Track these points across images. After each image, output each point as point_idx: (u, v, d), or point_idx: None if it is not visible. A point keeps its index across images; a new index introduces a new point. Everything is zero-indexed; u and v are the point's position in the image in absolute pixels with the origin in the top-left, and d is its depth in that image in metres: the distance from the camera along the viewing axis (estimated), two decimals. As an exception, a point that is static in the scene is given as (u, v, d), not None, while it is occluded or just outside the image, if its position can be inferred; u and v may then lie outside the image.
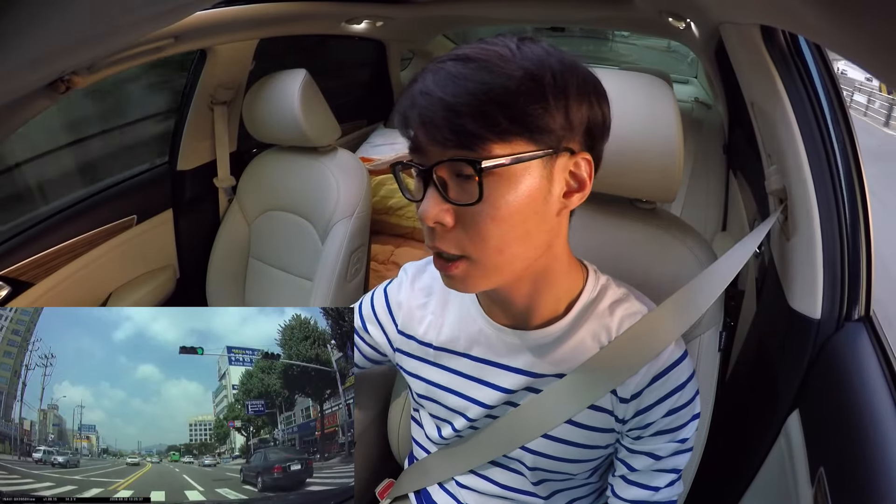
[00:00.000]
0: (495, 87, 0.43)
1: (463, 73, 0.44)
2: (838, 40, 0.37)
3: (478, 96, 0.43)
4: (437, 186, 0.46)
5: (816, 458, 0.57)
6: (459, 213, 0.47)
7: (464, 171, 0.45)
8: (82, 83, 0.93)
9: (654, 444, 0.57)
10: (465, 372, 0.61)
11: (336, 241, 1.26)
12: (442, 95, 0.44)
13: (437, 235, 0.48)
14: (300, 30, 1.53)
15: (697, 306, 0.60)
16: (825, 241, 0.64)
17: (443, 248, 0.48)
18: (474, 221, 0.46)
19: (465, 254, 0.48)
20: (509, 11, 1.84)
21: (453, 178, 0.47)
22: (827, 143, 0.64)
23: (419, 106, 0.45)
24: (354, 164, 1.33)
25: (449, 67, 0.45)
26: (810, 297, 0.66)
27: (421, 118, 0.45)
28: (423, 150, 0.47)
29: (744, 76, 0.78)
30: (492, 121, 0.43)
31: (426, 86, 0.45)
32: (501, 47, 0.46)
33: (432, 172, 0.46)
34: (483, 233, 0.47)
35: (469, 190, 0.45)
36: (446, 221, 0.47)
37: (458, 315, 0.61)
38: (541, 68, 0.45)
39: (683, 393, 0.55)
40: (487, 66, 0.44)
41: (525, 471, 0.61)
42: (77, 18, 0.45)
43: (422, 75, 0.47)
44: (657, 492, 0.58)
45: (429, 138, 0.46)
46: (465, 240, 0.47)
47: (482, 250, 0.47)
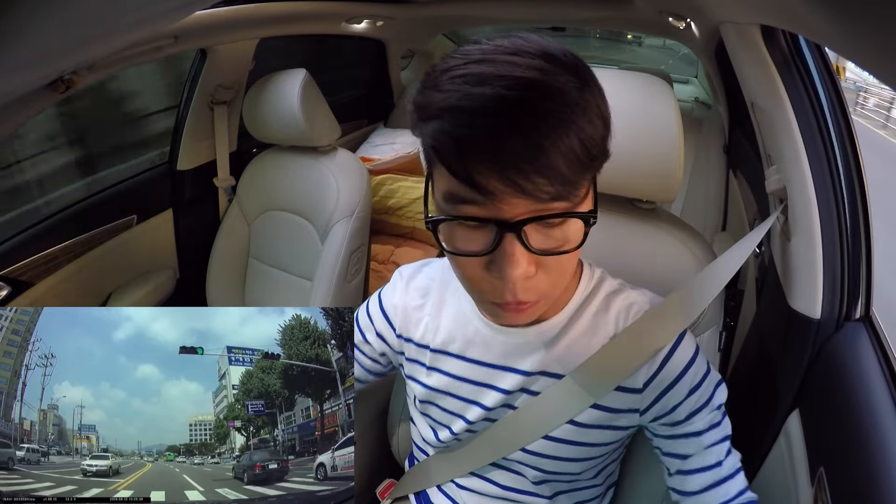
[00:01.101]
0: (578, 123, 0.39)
1: (547, 108, 0.37)
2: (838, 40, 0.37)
3: (570, 136, 0.38)
4: (524, 241, 0.41)
5: (816, 458, 0.57)
6: (541, 259, 0.43)
7: (558, 222, 0.42)
8: (82, 83, 0.93)
9: (692, 425, 0.55)
10: (462, 375, 0.60)
11: (336, 241, 1.26)
12: (533, 140, 0.37)
13: (518, 289, 0.43)
14: (300, 30, 1.53)
15: (697, 305, 0.60)
16: (825, 241, 0.64)
17: (526, 299, 0.45)
18: (558, 265, 0.44)
19: (544, 297, 0.46)
20: (509, 11, 1.84)
21: (535, 227, 0.41)
22: (827, 143, 0.64)
23: (508, 148, 0.37)
24: (354, 164, 1.33)
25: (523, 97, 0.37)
26: (810, 297, 0.66)
27: (504, 168, 0.37)
28: (501, 201, 0.39)
29: (744, 76, 0.78)
30: (582, 161, 0.39)
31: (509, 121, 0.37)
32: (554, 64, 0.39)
33: (518, 227, 0.40)
34: (563, 273, 0.46)
35: (555, 237, 0.42)
36: (533, 273, 0.43)
37: (453, 316, 0.61)
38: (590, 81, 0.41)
39: (697, 367, 0.55)
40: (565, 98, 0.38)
41: (526, 472, 0.61)
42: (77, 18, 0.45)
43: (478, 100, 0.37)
44: (721, 466, 0.55)
45: (516, 190, 0.38)
46: (545, 283, 0.45)
47: (556, 288, 0.47)
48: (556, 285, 0.46)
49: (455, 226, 0.43)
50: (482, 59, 0.39)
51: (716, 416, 0.56)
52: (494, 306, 0.47)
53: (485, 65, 0.39)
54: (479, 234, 0.42)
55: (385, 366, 0.69)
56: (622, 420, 0.57)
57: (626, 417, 0.57)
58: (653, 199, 0.74)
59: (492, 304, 0.47)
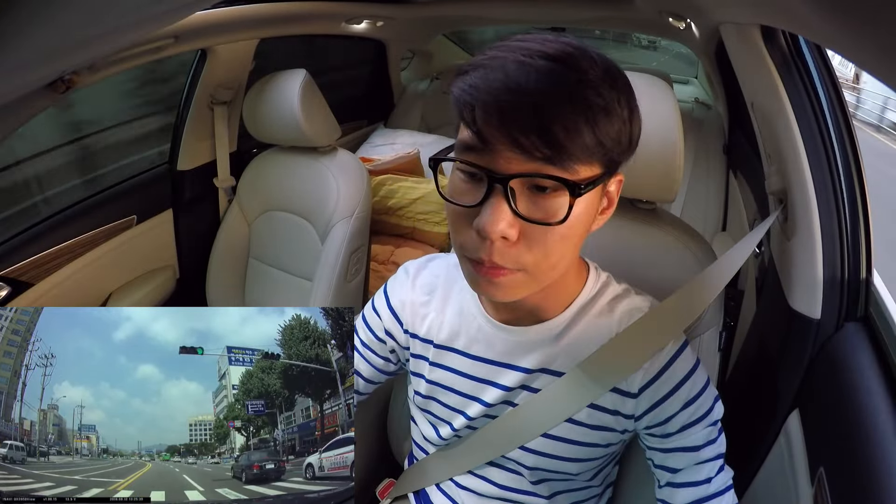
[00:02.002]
0: (593, 105, 0.40)
1: (560, 79, 0.40)
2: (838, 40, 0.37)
3: (578, 111, 0.40)
4: (508, 198, 0.42)
5: (816, 458, 0.57)
6: (525, 227, 0.44)
7: (543, 185, 0.42)
8: (82, 83, 0.93)
9: (685, 439, 0.55)
10: (464, 370, 0.60)
11: (336, 241, 1.26)
12: (538, 100, 0.39)
13: (494, 249, 0.44)
14: (300, 30, 1.53)
15: (696, 305, 0.60)
16: (825, 241, 0.64)
17: (500, 263, 0.45)
18: (543, 239, 0.44)
19: (522, 268, 0.46)
20: (509, 11, 1.84)
21: (526, 191, 0.43)
22: (827, 143, 0.65)
23: (505, 103, 0.40)
24: (354, 165, 1.33)
25: (540, 65, 0.40)
26: (810, 297, 0.66)
27: (505, 120, 0.40)
28: (499, 153, 0.42)
29: (744, 76, 0.78)
30: (582, 137, 0.41)
31: (514, 80, 0.40)
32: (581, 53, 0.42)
33: (507, 182, 0.42)
34: (548, 250, 0.45)
35: (543, 207, 0.43)
36: (512, 236, 0.43)
37: (457, 313, 0.61)
38: (620, 84, 0.43)
39: (694, 381, 0.55)
40: (581, 77, 0.41)
41: (524, 471, 0.61)
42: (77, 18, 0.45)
43: (501, 62, 0.41)
44: (710, 483, 0.55)
45: (511, 144, 0.41)
46: (525, 255, 0.45)
47: (541, 266, 0.46)
48: (538, 263, 0.46)
49: (456, 175, 0.46)
50: (524, 38, 0.44)
51: (711, 432, 0.56)
52: (472, 267, 0.47)
53: (522, 42, 0.43)
54: (473, 187, 0.44)
55: (396, 364, 0.69)
56: (618, 423, 0.57)
57: (621, 421, 0.57)
58: (653, 199, 0.74)
59: (470, 264, 0.47)
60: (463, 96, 0.42)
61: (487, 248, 0.44)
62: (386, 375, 0.70)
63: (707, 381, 0.57)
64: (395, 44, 2.16)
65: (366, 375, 0.69)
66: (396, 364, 0.69)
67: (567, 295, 0.56)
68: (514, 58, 0.41)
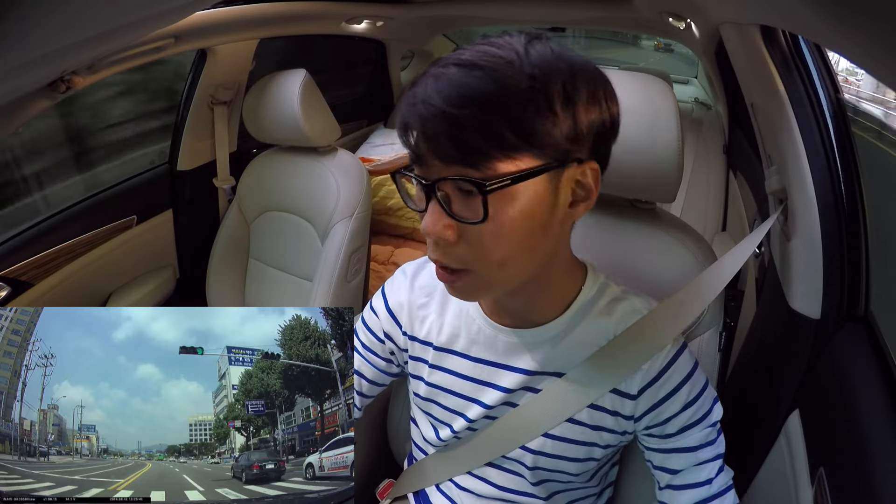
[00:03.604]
0: (501, 100, 0.42)
1: (467, 83, 0.42)
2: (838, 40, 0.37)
3: (484, 110, 0.41)
4: (440, 201, 0.45)
5: (816, 458, 0.57)
6: (462, 228, 0.45)
7: (467, 188, 0.44)
8: (82, 83, 0.93)
9: (685, 440, 0.56)
10: (464, 373, 0.60)
11: (336, 241, 1.26)
12: (445, 107, 0.41)
13: (439, 249, 0.47)
14: (300, 30, 1.53)
15: (696, 306, 0.60)
16: (825, 241, 0.64)
17: (445, 262, 0.48)
18: (478, 238, 0.45)
19: (468, 268, 0.47)
20: (509, 11, 1.84)
21: (457, 193, 0.45)
22: (827, 143, 0.65)
23: (421, 116, 0.43)
24: (354, 165, 1.33)
25: (452, 74, 0.42)
26: (810, 297, 0.66)
27: (423, 130, 0.43)
28: (425, 161, 0.45)
29: (744, 76, 0.78)
30: (498, 137, 0.42)
31: (428, 93, 0.43)
32: (508, 51, 0.43)
33: (435, 187, 0.45)
34: (487, 249, 0.46)
35: (472, 207, 0.44)
36: (449, 237, 0.45)
37: (457, 315, 0.61)
38: (549, 76, 0.43)
39: (693, 383, 0.55)
40: (494, 76, 0.42)
41: (524, 471, 0.61)
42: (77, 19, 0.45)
43: (423, 79, 0.44)
44: (710, 484, 0.56)
45: (431, 151, 0.44)
46: (467, 255, 0.46)
47: (485, 265, 0.47)
48: (479, 261, 0.47)
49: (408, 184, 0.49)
50: (457, 50, 0.46)
51: (710, 433, 0.56)
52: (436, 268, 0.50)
53: (452, 54, 0.45)
54: (421, 195, 0.47)
55: (398, 365, 0.69)
56: (617, 424, 0.57)
57: (620, 422, 0.57)
58: (653, 199, 0.74)
59: None
60: (398, 113, 0.47)
61: (434, 248, 0.48)
62: (390, 377, 0.70)
63: (706, 382, 0.57)
64: (395, 44, 2.16)
65: (369, 377, 0.69)
66: (399, 365, 0.69)
67: (564, 296, 0.56)
68: (433, 72, 0.44)
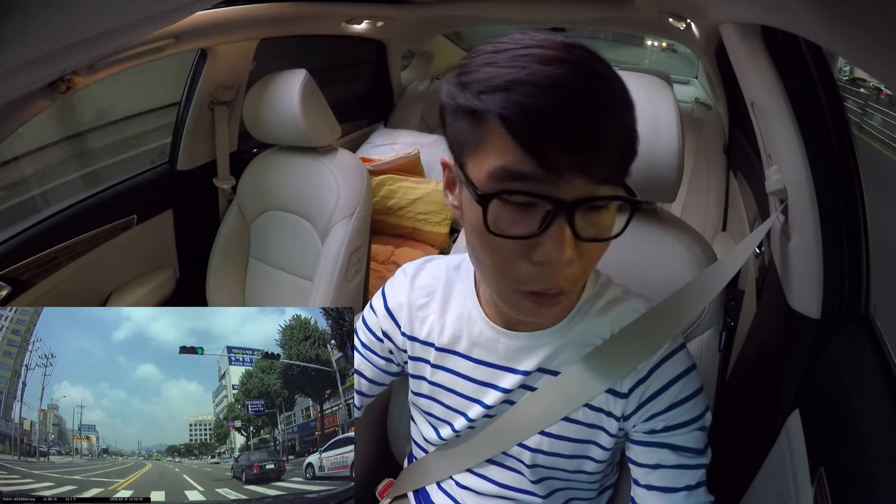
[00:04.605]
0: (626, 115, 0.41)
1: (603, 92, 0.40)
2: (838, 40, 0.37)
3: (619, 125, 0.40)
4: (572, 224, 0.41)
5: (816, 458, 0.57)
6: (581, 246, 0.42)
7: (602, 205, 0.41)
8: (82, 83, 0.93)
9: (669, 438, 0.55)
10: (466, 373, 0.61)
11: (336, 241, 1.26)
12: (608, 122, 0.39)
13: (555, 276, 0.43)
14: (300, 30, 1.53)
15: (694, 306, 0.60)
16: (825, 241, 0.64)
17: (564, 287, 0.44)
18: (593, 253, 0.44)
19: (574, 285, 0.46)
20: (509, 11, 1.84)
21: (580, 211, 0.41)
22: (827, 144, 0.64)
23: (577, 124, 0.38)
24: (354, 165, 1.33)
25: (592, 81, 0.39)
26: (810, 297, 0.66)
27: (578, 142, 0.38)
28: (562, 177, 0.39)
29: (744, 76, 0.78)
30: (627, 153, 0.42)
31: (578, 98, 0.38)
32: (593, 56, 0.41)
33: (572, 208, 0.40)
34: (590, 265, 0.45)
35: (597, 223, 0.42)
36: (574, 261, 0.42)
37: (458, 317, 0.61)
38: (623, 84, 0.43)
39: (685, 384, 0.55)
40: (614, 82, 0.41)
41: (524, 469, 0.61)
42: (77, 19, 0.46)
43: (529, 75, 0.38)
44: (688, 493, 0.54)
45: (576, 168, 0.39)
46: (581, 273, 0.44)
47: (583, 280, 0.47)
48: (581, 278, 0.46)
49: (503, 205, 0.41)
50: (536, 44, 0.40)
51: (697, 438, 0.55)
52: (525, 297, 0.45)
53: (542, 49, 0.40)
54: (527, 216, 0.41)
55: (398, 365, 0.69)
56: (610, 423, 0.57)
57: (612, 422, 0.57)
58: (653, 199, 0.74)
59: (522, 294, 0.45)
60: (516, 116, 0.38)
61: (553, 275, 0.43)
62: (389, 376, 0.70)
63: (700, 387, 0.56)
64: (395, 44, 2.16)
65: (369, 376, 0.69)
66: (398, 365, 0.69)
67: (570, 300, 0.56)
68: (562, 72, 0.38)
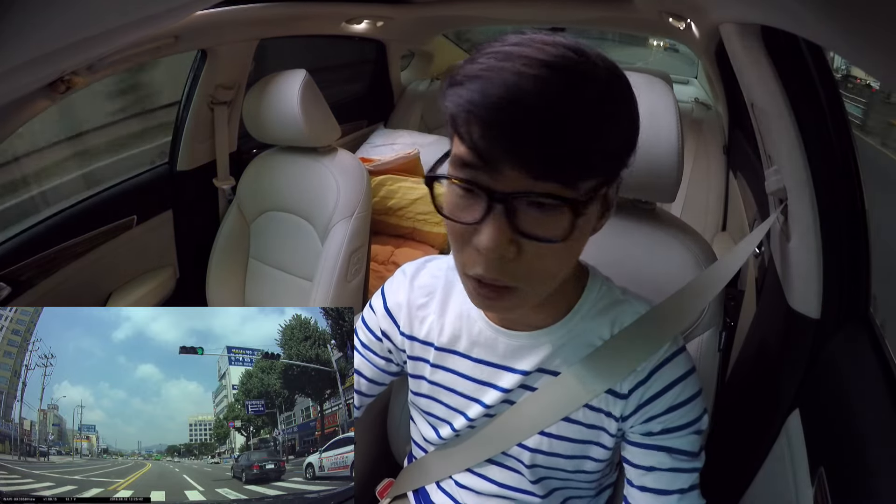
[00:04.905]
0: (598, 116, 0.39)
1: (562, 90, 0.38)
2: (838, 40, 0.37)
3: (583, 125, 0.38)
4: (508, 215, 0.41)
5: (816, 458, 0.57)
6: (525, 243, 0.42)
7: (548, 203, 0.40)
8: (82, 83, 0.93)
9: (666, 441, 0.55)
10: (465, 373, 0.61)
11: (336, 241, 1.26)
12: (542, 116, 0.37)
13: (492, 266, 0.43)
14: (300, 30, 1.53)
15: (694, 307, 0.60)
16: (824, 241, 0.64)
17: (501, 280, 0.44)
18: (541, 255, 0.43)
19: (519, 285, 0.45)
20: (509, 11, 1.84)
21: (525, 207, 0.41)
22: (826, 144, 0.64)
23: (506, 119, 0.38)
24: (354, 165, 1.33)
25: (546, 76, 0.38)
26: (809, 297, 0.66)
27: (506, 137, 0.38)
28: (497, 170, 0.40)
29: (744, 76, 0.78)
30: (591, 155, 0.39)
31: (515, 94, 0.37)
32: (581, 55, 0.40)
33: (508, 200, 0.40)
34: (548, 267, 0.44)
35: (544, 223, 0.41)
36: (511, 254, 0.42)
37: (458, 316, 0.61)
38: (623, 86, 0.42)
39: (684, 387, 0.55)
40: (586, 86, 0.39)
41: (523, 469, 0.61)
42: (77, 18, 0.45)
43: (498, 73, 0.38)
44: (680, 497, 0.54)
45: (513, 161, 0.39)
46: (523, 272, 0.44)
47: (539, 282, 0.46)
48: (537, 279, 0.45)
49: (454, 191, 0.43)
50: (519, 42, 0.41)
51: (693, 441, 0.55)
52: (472, 283, 0.46)
53: (517, 46, 0.40)
54: (472, 203, 0.42)
55: (397, 364, 0.69)
56: (609, 424, 0.57)
57: (612, 423, 0.57)
58: (653, 199, 0.74)
59: (468, 279, 0.46)
60: (459, 112, 0.39)
61: (489, 266, 0.43)
62: (389, 376, 0.70)
63: (698, 391, 0.56)
64: (395, 44, 2.16)
65: (368, 376, 0.69)
66: (398, 364, 0.69)
67: (567, 300, 0.57)
68: (514, 68, 0.38)
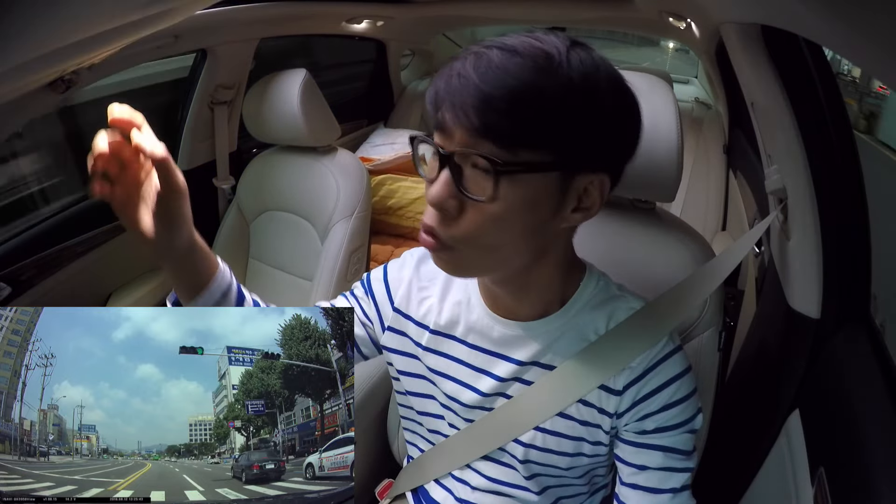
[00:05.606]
0: (536, 91, 0.43)
1: (506, 66, 0.43)
2: (838, 40, 0.37)
3: (517, 94, 0.42)
4: (453, 173, 0.46)
5: (816, 458, 0.57)
6: (465, 204, 0.46)
7: (482, 165, 0.44)
8: (82, 83, 0.93)
9: (659, 439, 0.55)
10: (461, 358, 0.61)
11: (336, 241, 1.26)
12: (480, 83, 0.43)
13: (434, 217, 0.48)
14: (300, 30, 1.53)
15: (690, 303, 0.60)
16: (824, 241, 0.64)
17: (437, 234, 0.48)
18: (477, 218, 0.46)
19: (456, 247, 0.48)
20: (509, 11, 1.84)
21: (470, 168, 0.46)
22: (827, 143, 0.64)
23: (454, 88, 0.44)
24: (354, 164, 1.33)
25: (493, 56, 0.43)
26: (809, 296, 0.66)
27: (452, 100, 0.44)
28: (449, 132, 0.46)
29: (744, 76, 0.78)
30: (525, 124, 0.43)
31: (465, 69, 0.44)
32: (551, 47, 0.44)
33: (452, 157, 0.46)
34: (482, 231, 0.47)
35: (482, 185, 0.45)
36: (451, 208, 0.46)
37: (458, 302, 0.61)
38: (586, 81, 0.44)
39: (679, 386, 0.55)
40: (534, 66, 0.43)
41: (517, 464, 0.61)
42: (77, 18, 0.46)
43: (462, 57, 0.45)
44: (672, 496, 0.55)
45: (456, 123, 0.44)
46: (460, 233, 0.47)
47: (474, 247, 0.48)
48: (472, 243, 0.48)
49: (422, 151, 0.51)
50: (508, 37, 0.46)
51: (686, 440, 0.56)
52: (421, 232, 0.50)
53: (508, 39, 0.45)
54: (433, 164, 0.48)
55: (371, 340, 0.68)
56: (603, 420, 0.57)
57: (605, 419, 0.57)
58: (653, 199, 0.74)
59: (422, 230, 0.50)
60: (429, 92, 0.48)
61: (431, 215, 0.48)
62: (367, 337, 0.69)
63: (693, 390, 0.56)
64: (395, 44, 2.16)
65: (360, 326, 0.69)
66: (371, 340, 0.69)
67: (561, 294, 0.57)
68: (474, 50, 0.45)
